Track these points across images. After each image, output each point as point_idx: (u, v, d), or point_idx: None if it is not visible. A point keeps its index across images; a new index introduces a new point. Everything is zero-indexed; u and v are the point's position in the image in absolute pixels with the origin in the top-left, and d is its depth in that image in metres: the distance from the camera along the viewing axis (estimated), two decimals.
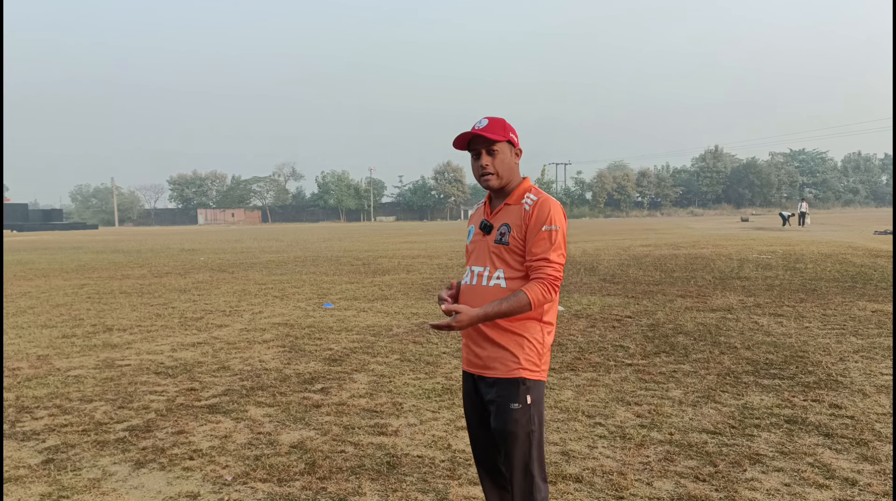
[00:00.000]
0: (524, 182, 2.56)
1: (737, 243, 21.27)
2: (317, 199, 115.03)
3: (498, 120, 2.51)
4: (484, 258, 2.51)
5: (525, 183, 2.56)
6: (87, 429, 4.49)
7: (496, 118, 2.52)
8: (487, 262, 2.49)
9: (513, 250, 2.45)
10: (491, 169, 2.48)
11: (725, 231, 32.40)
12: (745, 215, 61.72)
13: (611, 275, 13.12)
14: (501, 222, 2.49)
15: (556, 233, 2.39)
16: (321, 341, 7.32)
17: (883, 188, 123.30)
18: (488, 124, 2.48)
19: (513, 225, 2.46)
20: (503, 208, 2.52)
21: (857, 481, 3.46)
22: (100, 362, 6.49)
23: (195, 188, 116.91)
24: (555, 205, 2.45)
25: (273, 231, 55.50)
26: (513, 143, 2.52)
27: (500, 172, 2.49)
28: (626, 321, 8.07)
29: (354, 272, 15.20)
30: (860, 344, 6.53)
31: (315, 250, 23.88)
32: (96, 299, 11.20)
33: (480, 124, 2.49)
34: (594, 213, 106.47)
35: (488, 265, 2.48)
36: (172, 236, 46.64)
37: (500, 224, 2.49)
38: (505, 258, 2.46)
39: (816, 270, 12.91)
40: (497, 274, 2.45)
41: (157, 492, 3.53)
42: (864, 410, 4.56)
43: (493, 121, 2.50)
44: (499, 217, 2.52)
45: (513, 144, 2.52)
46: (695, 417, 4.51)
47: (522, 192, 2.52)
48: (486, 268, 2.49)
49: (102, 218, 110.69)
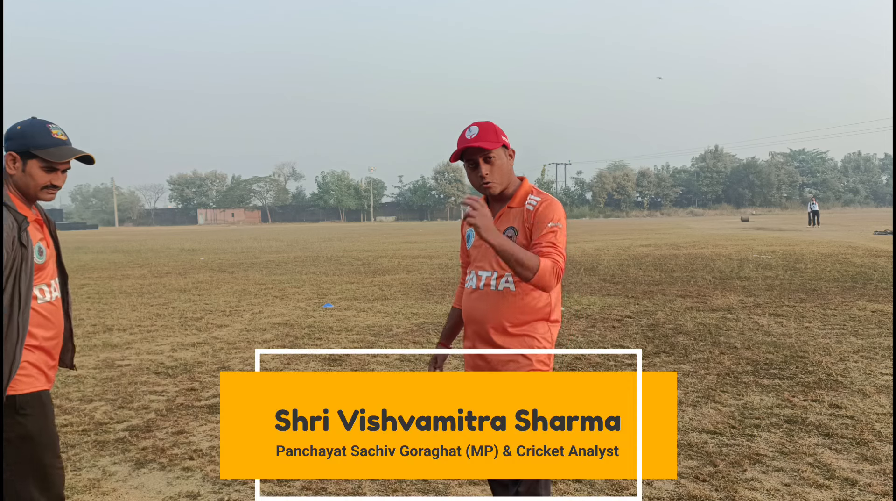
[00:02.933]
0: (524, 184, 2.55)
1: (737, 243, 21.27)
2: (317, 199, 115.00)
3: (488, 125, 2.47)
4: (490, 262, 2.47)
5: (525, 184, 2.55)
6: (87, 429, 4.49)
7: (485, 123, 2.48)
8: (495, 266, 2.45)
9: None
10: (490, 178, 2.46)
11: (725, 231, 32.40)
12: (746, 215, 61.70)
13: (611, 275, 13.12)
14: (506, 225, 2.47)
15: (560, 231, 2.41)
16: (321, 341, 7.32)
17: (883, 188, 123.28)
18: (479, 132, 2.44)
19: (519, 228, 2.45)
20: (505, 212, 2.50)
21: (857, 481, 3.46)
22: (100, 362, 6.49)
23: (195, 188, 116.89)
24: (558, 205, 2.47)
25: (273, 231, 55.52)
26: (506, 146, 2.50)
27: (500, 178, 2.47)
28: (626, 321, 8.07)
29: (354, 272, 15.20)
30: (860, 344, 6.53)
31: (315, 250, 23.88)
32: (96, 299, 11.20)
33: (472, 133, 2.45)
34: (594, 213, 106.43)
35: (496, 269, 2.45)
36: (172, 236, 46.65)
37: (506, 228, 2.46)
38: None
39: (816, 270, 12.91)
40: (506, 278, 2.43)
41: (157, 492, 3.53)
42: (864, 410, 4.57)
43: (484, 127, 2.46)
44: (502, 221, 2.49)
45: (506, 147, 2.50)
46: (695, 417, 4.51)
47: (525, 194, 2.50)
48: (493, 272, 2.46)
49: (102, 218, 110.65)
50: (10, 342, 2.34)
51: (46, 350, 2.47)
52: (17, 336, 2.35)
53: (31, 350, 2.42)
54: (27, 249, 2.37)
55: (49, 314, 2.48)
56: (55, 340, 2.51)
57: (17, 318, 2.35)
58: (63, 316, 2.58)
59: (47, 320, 2.47)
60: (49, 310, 2.48)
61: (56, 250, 2.60)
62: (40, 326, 2.44)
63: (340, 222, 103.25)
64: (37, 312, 2.44)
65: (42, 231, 2.51)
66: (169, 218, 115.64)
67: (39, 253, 2.44)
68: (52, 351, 2.51)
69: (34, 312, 2.43)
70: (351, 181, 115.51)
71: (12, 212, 2.36)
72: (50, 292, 2.50)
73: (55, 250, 2.59)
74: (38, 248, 2.44)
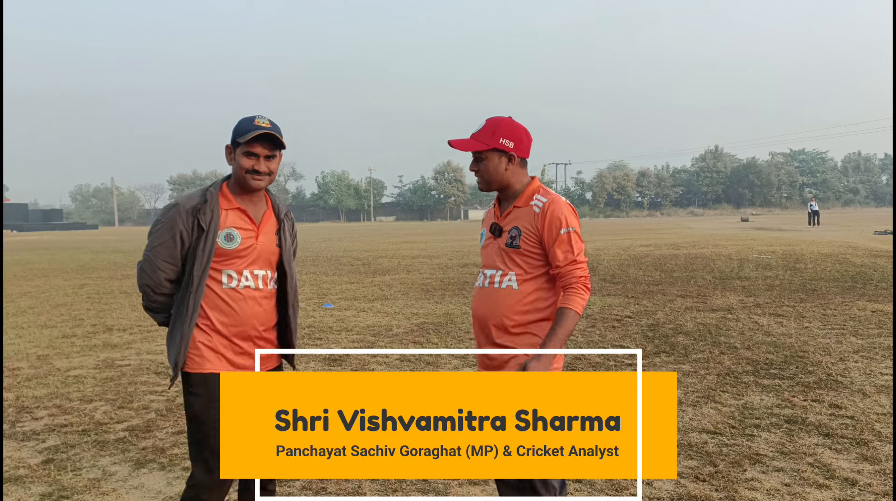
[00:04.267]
0: (532, 183, 2.54)
1: (737, 243, 21.27)
2: (317, 199, 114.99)
3: (492, 124, 2.48)
4: (496, 261, 2.51)
5: (533, 184, 2.54)
6: (87, 429, 4.49)
7: (494, 120, 2.49)
8: (500, 264, 2.49)
9: (524, 253, 2.45)
10: (478, 175, 2.53)
11: (725, 231, 32.40)
12: (745, 215, 61.68)
13: (611, 275, 13.12)
14: (512, 225, 2.49)
15: (573, 234, 2.41)
16: (321, 341, 7.32)
17: (883, 188, 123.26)
18: (479, 130, 2.48)
19: (523, 228, 2.46)
20: (512, 211, 2.51)
21: (857, 481, 3.46)
22: (100, 362, 6.49)
23: (195, 188, 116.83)
24: (565, 205, 2.46)
25: None
26: (502, 149, 2.45)
27: (487, 177, 2.51)
28: (626, 321, 8.07)
29: (354, 272, 15.20)
30: (860, 344, 6.53)
31: (315, 250, 23.88)
32: (96, 299, 11.20)
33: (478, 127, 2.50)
34: (594, 213, 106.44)
35: (500, 268, 2.49)
36: None
37: (511, 227, 2.48)
38: (517, 261, 2.46)
39: (816, 270, 12.91)
40: (509, 276, 2.46)
41: (157, 492, 3.53)
42: (864, 410, 4.56)
43: (488, 124, 2.48)
44: (509, 220, 2.51)
45: (503, 150, 2.46)
46: (695, 417, 4.51)
47: (531, 193, 2.50)
48: (497, 271, 2.50)
49: (102, 218, 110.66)
50: (181, 319, 2.46)
51: (226, 336, 2.51)
52: (187, 316, 2.46)
53: (207, 332, 2.49)
54: (206, 232, 2.46)
55: (232, 301, 2.51)
56: (238, 327, 2.52)
57: (188, 299, 2.47)
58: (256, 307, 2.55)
59: (228, 306, 2.51)
60: (233, 297, 2.51)
61: (279, 248, 2.62)
62: (220, 310, 2.50)
63: (340, 222, 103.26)
64: (218, 296, 2.50)
65: (247, 221, 2.54)
66: None
67: (227, 239, 2.50)
68: (235, 338, 2.52)
69: (215, 296, 2.50)
70: (351, 181, 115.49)
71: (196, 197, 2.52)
72: (240, 279, 2.52)
73: (278, 247, 2.61)
74: (227, 234, 2.50)
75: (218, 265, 2.50)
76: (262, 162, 2.50)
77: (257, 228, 2.58)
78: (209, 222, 2.48)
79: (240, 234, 2.53)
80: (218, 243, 2.49)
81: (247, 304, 2.53)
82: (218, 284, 2.50)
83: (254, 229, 2.57)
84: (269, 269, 2.60)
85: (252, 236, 2.55)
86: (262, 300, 2.57)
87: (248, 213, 2.56)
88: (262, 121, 2.50)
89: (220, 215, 2.51)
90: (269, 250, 2.59)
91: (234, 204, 2.55)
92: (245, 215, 2.56)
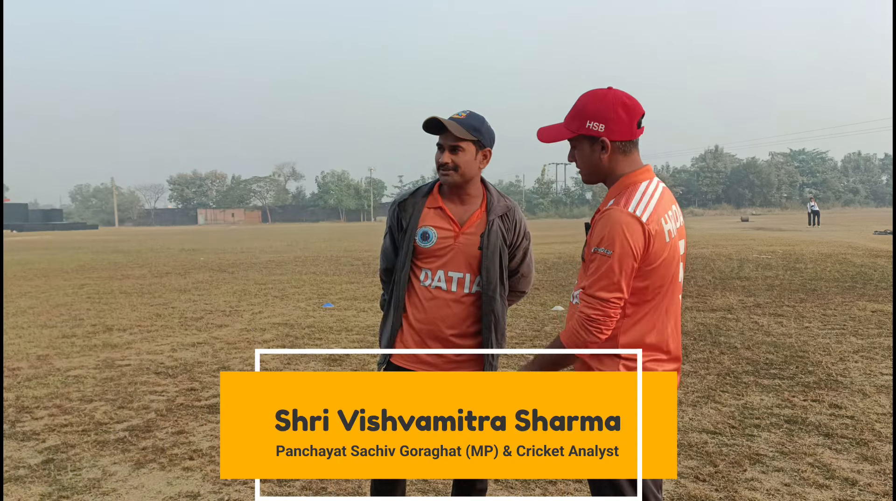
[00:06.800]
0: (628, 177, 2.01)
1: (737, 243, 21.26)
2: (317, 199, 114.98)
3: (580, 102, 2.05)
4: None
5: (628, 178, 2.01)
6: (87, 429, 4.49)
7: (584, 97, 2.06)
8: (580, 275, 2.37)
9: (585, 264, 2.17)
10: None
11: (725, 231, 32.40)
12: (745, 215, 61.66)
13: None
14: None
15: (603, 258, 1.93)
16: (321, 341, 7.32)
17: (883, 188, 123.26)
18: (570, 110, 2.08)
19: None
20: None
21: (857, 481, 3.46)
22: (100, 362, 6.49)
23: (195, 188, 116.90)
24: (619, 220, 1.93)
25: (273, 231, 55.52)
26: (590, 134, 2.01)
27: (581, 169, 2.12)
28: None
29: (354, 272, 15.19)
30: (860, 344, 6.53)
31: (315, 250, 23.88)
32: (96, 299, 11.20)
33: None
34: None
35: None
36: (172, 236, 46.65)
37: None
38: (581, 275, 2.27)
39: (816, 270, 12.91)
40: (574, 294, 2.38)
41: (157, 492, 3.53)
42: (864, 410, 4.57)
43: (577, 103, 2.07)
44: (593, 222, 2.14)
45: (592, 136, 2.02)
46: (695, 417, 4.51)
47: (616, 192, 2.02)
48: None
49: (102, 218, 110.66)
50: (388, 308, 2.67)
51: (417, 331, 2.58)
52: (391, 305, 2.63)
53: (406, 326, 2.60)
54: (405, 229, 2.53)
55: (424, 299, 2.54)
56: (428, 326, 2.56)
57: (395, 289, 2.60)
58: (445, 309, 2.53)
59: (421, 303, 2.55)
60: (425, 295, 2.54)
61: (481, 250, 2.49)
62: (415, 306, 2.57)
63: (340, 222, 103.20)
64: (416, 292, 2.56)
65: (447, 220, 2.52)
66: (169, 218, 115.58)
67: (423, 238, 2.52)
68: (425, 336, 2.57)
69: (414, 291, 2.56)
70: (351, 181, 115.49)
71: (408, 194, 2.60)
72: (433, 279, 2.53)
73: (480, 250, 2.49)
74: (423, 232, 2.52)
75: (417, 262, 2.53)
76: (445, 154, 2.44)
77: (459, 228, 2.51)
78: (409, 218, 2.51)
79: (436, 233, 2.50)
80: (415, 241, 2.50)
81: (436, 304, 2.52)
82: (417, 280, 2.54)
83: (453, 229, 2.51)
84: (469, 272, 2.51)
85: (451, 236, 2.50)
86: (452, 303, 2.52)
87: (448, 212, 2.52)
88: (458, 114, 2.46)
89: (422, 212, 2.51)
90: (468, 252, 2.49)
91: (438, 202, 2.52)
92: (445, 214, 2.52)
